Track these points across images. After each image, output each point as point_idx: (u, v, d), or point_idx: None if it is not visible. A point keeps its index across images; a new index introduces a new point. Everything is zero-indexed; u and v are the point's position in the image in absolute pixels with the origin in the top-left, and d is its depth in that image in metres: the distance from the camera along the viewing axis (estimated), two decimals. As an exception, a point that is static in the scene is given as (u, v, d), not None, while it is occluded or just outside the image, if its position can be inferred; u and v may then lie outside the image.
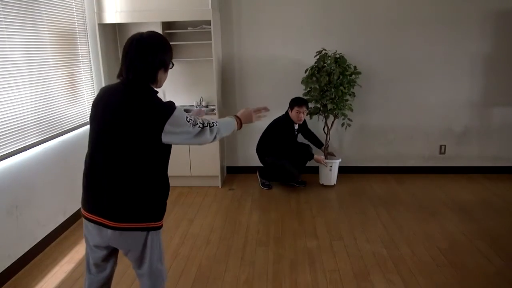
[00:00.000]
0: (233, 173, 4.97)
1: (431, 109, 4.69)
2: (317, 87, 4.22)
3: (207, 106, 4.69)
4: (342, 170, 4.78)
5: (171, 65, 1.79)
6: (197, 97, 4.74)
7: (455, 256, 2.98)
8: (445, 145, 4.79)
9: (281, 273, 2.81)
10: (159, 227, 1.80)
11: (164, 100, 1.70)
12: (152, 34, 1.74)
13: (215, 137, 1.81)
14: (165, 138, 1.65)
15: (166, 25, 4.45)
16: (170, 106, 1.68)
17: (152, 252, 1.80)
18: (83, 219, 1.79)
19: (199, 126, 1.73)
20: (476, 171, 4.79)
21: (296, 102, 4.28)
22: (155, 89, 1.74)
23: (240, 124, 1.98)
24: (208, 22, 4.22)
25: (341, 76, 4.14)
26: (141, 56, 1.66)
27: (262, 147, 4.49)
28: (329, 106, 4.24)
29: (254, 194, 4.35)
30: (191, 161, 4.42)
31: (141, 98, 1.66)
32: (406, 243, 3.19)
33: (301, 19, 4.53)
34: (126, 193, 1.68)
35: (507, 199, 4.07)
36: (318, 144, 4.59)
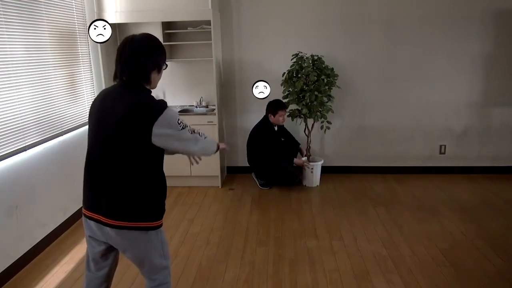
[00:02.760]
0: (233, 173, 4.97)
1: (431, 109, 4.69)
2: (295, 90, 4.17)
3: (207, 106, 4.69)
4: (342, 170, 4.79)
5: (164, 66, 1.81)
6: (197, 97, 4.75)
7: (455, 256, 2.98)
8: (445, 145, 4.79)
9: (281, 273, 2.81)
10: (158, 227, 1.80)
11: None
12: (145, 36, 1.75)
13: (202, 148, 1.81)
14: (155, 139, 1.64)
15: (166, 25, 4.45)
16: (160, 105, 1.67)
17: (152, 251, 1.80)
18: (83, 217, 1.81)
19: (189, 131, 1.74)
20: (476, 171, 4.79)
21: (279, 106, 4.28)
22: (148, 88, 1.75)
23: (217, 148, 1.99)
24: (208, 22, 4.22)
25: (317, 80, 4.09)
26: (134, 58, 1.69)
27: (254, 158, 4.49)
28: (304, 111, 4.22)
29: (254, 194, 4.35)
30: (191, 161, 4.41)
31: (132, 97, 1.67)
32: (406, 243, 3.19)
33: (301, 19, 4.52)
34: (122, 192, 1.69)
35: (507, 199, 4.07)
36: (295, 143, 4.60)
